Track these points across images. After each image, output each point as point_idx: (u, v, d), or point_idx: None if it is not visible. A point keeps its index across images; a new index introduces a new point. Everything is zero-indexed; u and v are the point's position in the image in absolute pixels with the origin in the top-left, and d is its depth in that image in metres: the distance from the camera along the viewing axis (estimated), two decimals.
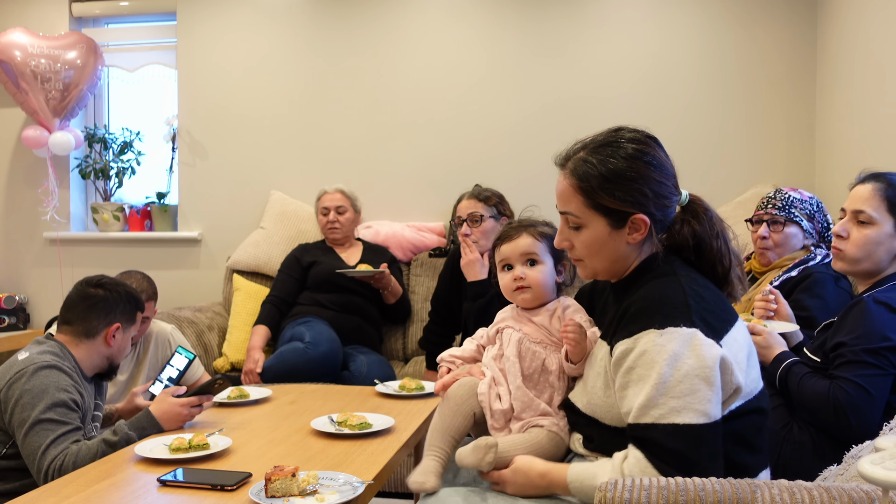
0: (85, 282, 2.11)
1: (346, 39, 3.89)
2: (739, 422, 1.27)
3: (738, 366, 1.26)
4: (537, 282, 1.58)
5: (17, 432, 1.87)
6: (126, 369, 2.68)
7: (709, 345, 1.21)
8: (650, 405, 1.20)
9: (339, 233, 3.45)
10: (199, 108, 4.02)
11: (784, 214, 2.43)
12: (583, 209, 1.36)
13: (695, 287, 1.29)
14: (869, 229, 1.80)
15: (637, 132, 1.39)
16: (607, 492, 1.06)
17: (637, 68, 3.65)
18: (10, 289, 4.14)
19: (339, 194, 3.49)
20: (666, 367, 1.19)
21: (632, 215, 1.33)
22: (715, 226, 1.40)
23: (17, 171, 4.17)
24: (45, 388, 1.89)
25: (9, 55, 3.82)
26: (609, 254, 1.37)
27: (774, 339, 1.95)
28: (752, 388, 1.30)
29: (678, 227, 1.38)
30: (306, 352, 2.92)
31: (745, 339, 1.31)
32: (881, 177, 1.83)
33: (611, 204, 1.33)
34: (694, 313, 1.24)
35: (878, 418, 1.68)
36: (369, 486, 1.52)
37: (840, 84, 3.22)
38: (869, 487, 1.04)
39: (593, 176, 1.34)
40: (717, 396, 1.21)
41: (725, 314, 1.30)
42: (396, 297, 3.38)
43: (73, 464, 1.81)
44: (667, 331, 1.22)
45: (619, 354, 1.28)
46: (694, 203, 1.41)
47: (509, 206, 3.03)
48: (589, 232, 1.37)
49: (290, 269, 3.40)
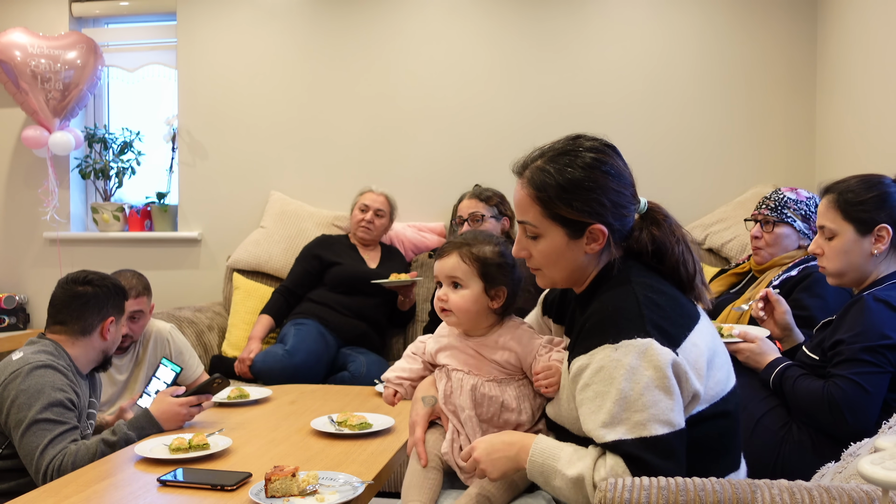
0: (71, 280, 2.09)
1: (346, 39, 3.89)
2: (700, 428, 1.25)
3: (696, 371, 1.24)
4: (458, 307, 1.50)
5: (14, 433, 1.87)
6: (126, 369, 2.68)
7: (664, 353, 1.20)
8: (614, 422, 1.19)
9: (370, 234, 3.42)
10: (199, 108, 4.02)
11: (775, 215, 2.45)
12: (540, 219, 1.34)
13: (649, 294, 1.28)
14: (835, 241, 1.84)
15: (595, 140, 1.37)
16: (607, 492, 1.06)
17: (637, 68, 3.65)
18: (10, 289, 4.14)
19: (382, 197, 3.45)
20: (625, 381, 1.18)
21: (589, 225, 1.32)
22: (675, 231, 1.38)
23: (17, 171, 4.17)
24: (42, 387, 1.88)
25: (9, 55, 3.82)
26: (567, 264, 1.36)
27: (767, 345, 1.96)
28: (715, 391, 1.28)
29: (637, 234, 1.37)
30: (283, 359, 2.95)
31: (706, 343, 1.29)
32: (831, 187, 1.87)
33: (568, 214, 1.32)
34: (648, 322, 1.22)
35: (876, 416, 1.68)
36: (369, 486, 1.52)
37: (840, 84, 3.22)
38: (869, 487, 1.04)
39: (551, 186, 1.32)
40: (679, 405, 1.20)
41: (683, 319, 1.28)
42: (412, 304, 3.38)
43: (71, 463, 1.81)
44: (621, 344, 1.21)
45: (575, 371, 1.27)
46: (653, 210, 1.39)
47: (510, 207, 3.03)
48: (546, 242, 1.35)
49: (307, 262, 3.39)
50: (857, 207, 1.81)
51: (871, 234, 1.81)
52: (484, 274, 1.51)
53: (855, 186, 1.83)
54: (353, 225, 3.45)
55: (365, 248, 3.46)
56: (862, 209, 1.81)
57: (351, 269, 3.30)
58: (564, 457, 1.26)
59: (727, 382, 1.32)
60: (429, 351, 1.60)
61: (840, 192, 1.84)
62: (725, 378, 1.32)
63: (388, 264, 3.43)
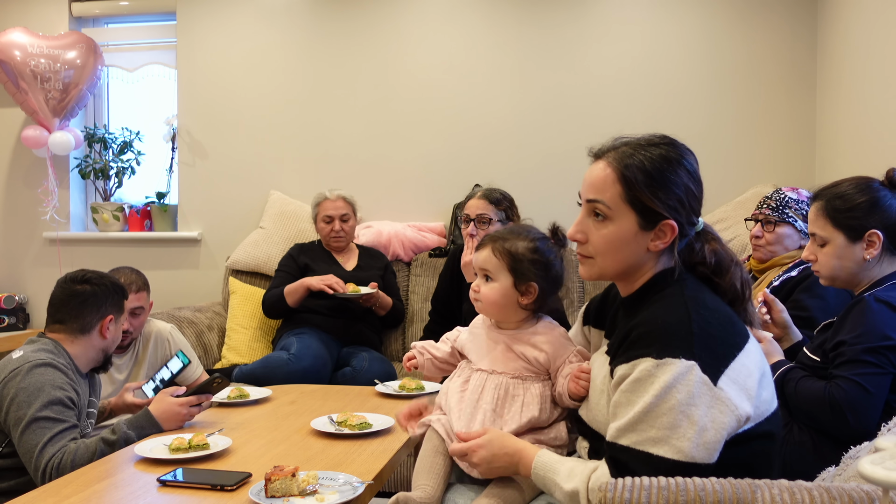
0: (69, 279, 2.09)
1: (346, 39, 3.89)
2: (746, 448, 1.22)
3: (746, 392, 1.21)
4: (486, 298, 1.55)
5: (14, 431, 1.87)
6: (125, 368, 2.68)
7: (703, 380, 1.17)
8: (629, 429, 1.19)
9: (343, 241, 3.41)
10: (199, 108, 4.02)
11: (776, 215, 2.45)
12: (617, 200, 1.30)
13: (702, 312, 1.24)
14: (827, 248, 1.83)
15: (683, 144, 1.37)
16: (607, 492, 1.06)
17: (637, 68, 3.65)
18: (9, 289, 4.14)
19: (341, 202, 3.39)
20: (654, 397, 1.17)
21: (664, 220, 1.30)
22: (728, 251, 1.37)
23: (17, 171, 4.17)
24: (41, 385, 1.88)
25: (9, 55, 3.82)
26: (627, 256, 1.33)
27: (774, 346, 1.96)
28: (763, 409, 1.25)
29: (699, 246, 1.35)
30: (288, 364, 2.91)
31: (756, 362, 1.26)
32: (821, 193, 1.86)
33: (648, 202, 1.29)
34: (696, 343, 1.19)
35: (877, 417, 1.68)
36: (369, 486, 1.52)
37: (840, 84, 3.22)
38: (869, 487, 1.04)
39: (639, 169, 1.30)
40: (700, 437, 1.16)
41: (734, 338, 1.25)
42: (386, 309, 3.35)
43: (71, 462, 1.81)
44: (664, 361, 1.19)
45: (617, 379, 1.27)
46: (707, 231, 1.39)
47: (517, 211, 2.98)
48: (614, 226, 1.31)
49: (288, 268, 3.38)
50: (846, 214, 1.80)
51: (861, 241, 1.79)
52: (513, 269, 1.53)
53: (844, 192, 1.81)
54: (324, 237, 3.41)
55: (339, 253, 3.44)
56: (851, 216, 1.79)
57: (326, 272, 3.25)
58: (563, 471, 1.28)
59: (772, 402, 1.29)
60: (461, 340, 1.65)
61: (828, 199, 1.82)
62: (770, 398, 1.29)
63: (365, 264, 3.42)
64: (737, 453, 1.21)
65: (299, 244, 3.51)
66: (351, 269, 3.39)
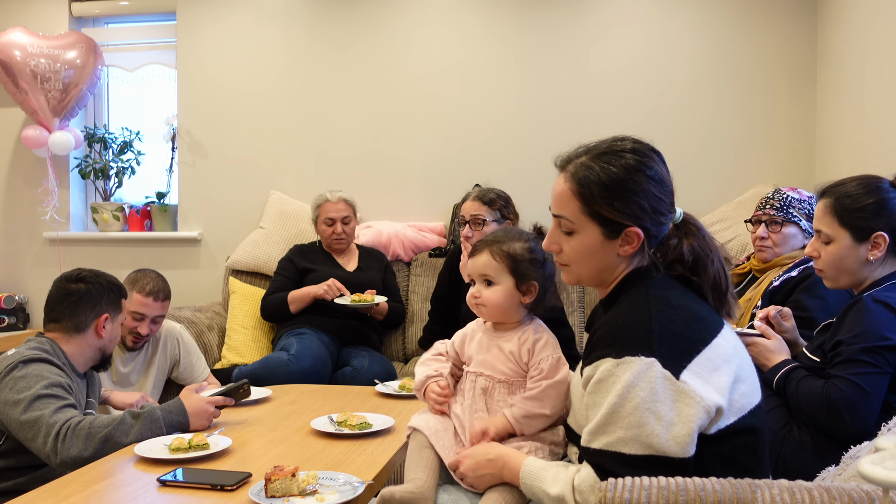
0: (64, 278, 2.09)
1: (345, 39, 3.89)
2: (728, 443, 1.22)
3: (714, 385, 1.20)
4: (491, 302, 1.55)
5: (13, 411, 1.82)
6: (137, 368, 2.69)
7: (664, 375, 1.18)
8: (599, 431, 1.20)
9: (344, 243, 3.40)
10: (199, 108, 4.02)
11: (782, 215, 2.44)
12: (578, 215, 1.33)
13: (664, 309, 1.24)
14: (831, 247, 1.83)
15: (642, 144, 1.37)
16: (607, 492, 1.06)
17: (637, 68, 3.65)
18: (9, 289, 4.14)
19: (342, 204, 3.36)
20: (617, 396, 1.18)
21: (626, 227, 1.31)
22: (710, 244, 1.37)
23: (17, 171, 4.17)
24: (40, 372, 1.88)
25: (8, 55, 3.82)
26: (597, 263, 1.35)
27: (781, 345, 1.94)
28: (742, 403, 1.24)
29: (674, 243, 1.35)
30: (288, 364, 2.90)
31: (725, 355, 1.25)
32: (828, 191, 1.85)
33: (607, 213, 1.31)
34: (656, 341, 1.20)
35: (875, 417, 1.68)
36: (369, 486, 1.52)
37: (840, 84, 3.22)
38: (869, 487, 1.04)
39: (594, 183, 1.31)
40: (668, 432, 1.16)
41: (700, 333, 1.24)
42: (384, 314, 3.34)
43: (89, 424, 1.78)
44: (623, 360, 1.20)
45: (583, 381, 1.28)
46: (687, 221, 1.38)
47: (514, 209, 2.97)
48: (580, 238, 1.34)
49: (287, 272, 3.37)
50: (854, 214, 1.79)
51: (867, 241, 1.79)
52: (514, 270, 1.55)
53: (853, 191, 1.81)
54: (325, 239, 3.40)
55: (339, 253, 3.44)
56: (859, 216, 1.78)
57: (327, 273, 3.25)
58: (549, 477, 1.29)
59: (753, 395, 1.28)
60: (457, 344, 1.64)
61: (837, 197, 1.82)
62: (751, 391, 1.28)
63: (366, 265, 3.41)
64: (721, 448, 1.21)
65: (298, 245, 3.51)
66: (351, 269, 3.39)
